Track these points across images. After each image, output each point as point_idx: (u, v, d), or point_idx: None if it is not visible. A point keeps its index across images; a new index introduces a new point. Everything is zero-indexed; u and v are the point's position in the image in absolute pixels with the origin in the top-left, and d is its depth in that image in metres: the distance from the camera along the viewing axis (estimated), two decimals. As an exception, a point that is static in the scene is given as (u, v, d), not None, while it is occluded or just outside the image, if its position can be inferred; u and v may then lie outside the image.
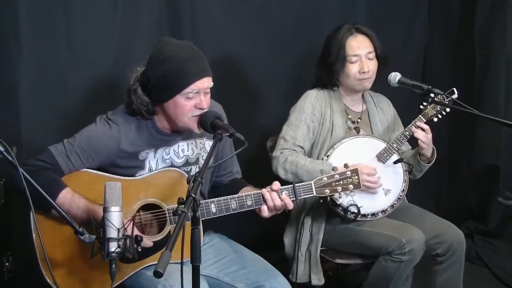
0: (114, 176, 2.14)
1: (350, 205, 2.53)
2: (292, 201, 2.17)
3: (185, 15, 3.12)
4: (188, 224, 1.71)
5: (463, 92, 2.58)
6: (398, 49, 3.71)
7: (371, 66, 2.65)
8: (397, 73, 2.59)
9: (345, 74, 2.66)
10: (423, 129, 2.57)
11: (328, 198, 2.49)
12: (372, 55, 2.66)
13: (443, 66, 3.91)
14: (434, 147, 2.67)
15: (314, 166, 2.55)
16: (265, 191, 2.15)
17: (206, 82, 2.12)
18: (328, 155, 2.62)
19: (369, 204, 2.58)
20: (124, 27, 2.94)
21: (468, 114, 2.40)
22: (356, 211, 2.54)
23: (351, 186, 2.22)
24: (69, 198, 2.04)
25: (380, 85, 2.81)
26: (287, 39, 3.41)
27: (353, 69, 2.64)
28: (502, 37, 3.58)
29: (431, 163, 2.70)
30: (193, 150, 2.29)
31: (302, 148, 2.65)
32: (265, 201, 2.14)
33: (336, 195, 2.45)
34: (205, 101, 2.12)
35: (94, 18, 2.85)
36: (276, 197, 2.13)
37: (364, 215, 2.58)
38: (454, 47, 3.88)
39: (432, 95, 2.42)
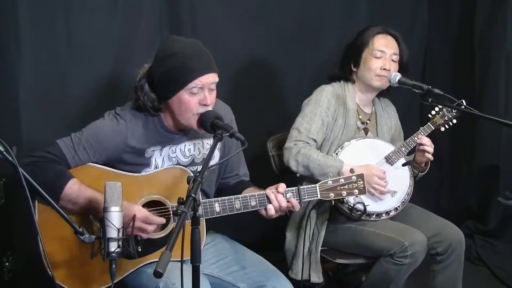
0: (119, 172, 2.15)
1: (356, 203, 2.54)
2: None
3: (185, 15, 3.12)
4: (189, 223, 1.71)
5: (463, 92, 2.58)
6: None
7: (393, 67, 2.66)
8: (397, 73, 2.60)
9: (367, 66, 2.67)
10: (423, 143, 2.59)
11: (333, 202, 2.51)
12: (396, 57, 2.67)
13: (443, 66, 3.91)
14: None
15: (326, 161, 2.55)
16: (269, 192, 2.15)
17: (211, 78, 2.12)
18: (337, 153, 2.62)
19: (376, 204, 2.59)
20: (124, 27, 2.94)
21: (468, 114, 2.40)
22: (362, 209, 2.54)
23: (356, 191, 2.22)
24: (76, 189, 2.05)
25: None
26: (288, 39, 3.41)
27: (376, 63, 2.65)
28: (502, 37, 3.58)
29: (424, 173, 2.73)
30: (200, 150, 2.29)
31: (315, 141, 2.65)
32: (270, 201, 2.14)
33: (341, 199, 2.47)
34: (209, 98, 2.12)
35: (94, 18, 2.86)
36: (281, 198, 2.14)
37: (369, 215, 2.58)
38: (454, 47, 3.88)
39: (440, 106, 2.43)
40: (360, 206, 2.53)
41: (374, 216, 2.60)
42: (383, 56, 2.65)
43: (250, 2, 3.31)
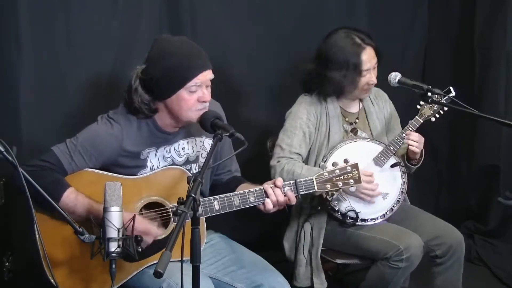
0: (116, 175, 2.15)
1: (348, 211, 2.54)
2: (295, 196, 2.19)
3: (185, 15, 3.12)
4: (188, 223, 1.72)
5: (463, 92, 2.58)
6: (398, 49, 3.71)
7: (375, 74, 2.64)
8: (397, 73, 2.59)
9: (354, 85, 2.62)
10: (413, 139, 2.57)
11: (328, 202, 2.50)
12: (376, 64, 2.64)
13: (443, 66, 3.91)
14: (422, 149, 2.66)
15: (310, 174, 2.52)
16: (267, 186, 2.16)
17: (208, 75, 2.14)
18: (325, 160, 2.61)
19: (368, 209, 2.58)
20: (124, 27, 2.94)
21: (468, 114, 2.40)
22: (354, 217, 2.54)
23: (351, 181, 2.23)
24: (73, 198, 2.05)
25: (380, 85, 2.81)
26: (287, 38, 3.41)
27: (363, 81, 2.61)
28: (502, 37, 3.57)
29: (419, 164, 2.71)
30: (193, 149, 2.30)
31: (299, 154, 2.64)
32: (268, 196, 2.15)
33: (334, 203, 2.48)
34: (208, 95, 2.14)
35: (94, 18, 2.85)
36: (279, 193, 2.15)
37: (363, 220, 2.58)
38: (454, 47, 3.88)
39: (429, 94, 2.41)
40: (352, 214, 2.53)
41: (369, 220, 2.59)
42: (369, 72, 2.61)
43: (250, 2, 3.31)
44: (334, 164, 2.23)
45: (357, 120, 2.75)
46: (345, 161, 2.25)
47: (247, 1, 3.30)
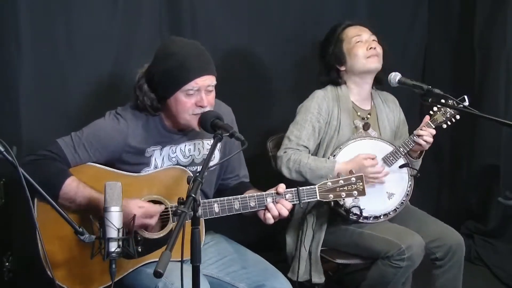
0: (119, 172, 2.15)
1: (352, 207, 2.54)
2: (294, 204, 2.18)
3: (185, 15, 3.12)
4: (188, 223, 1.72)
5: (463, 92, 2.58)
6: (398, 49, 3.71)
7: (377, 46, 2.69)
8: (397, 73, 2.58)
9: (353, 55, 2.68)
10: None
11: (332, 202, 2.50)
12: (375, 38, 2.70)
13: (443, 66, 3.91)
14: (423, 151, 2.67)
15: (317, 164, 2.55)
16: (269, 201, 2.14)
17: (208, 80, 2.12)
18: (334, 155, 2.62)
19: (372, 206, 2.58)
20: (124, 27, 2.94)
21: (468, 114, 2.40)
22: (358, 213, 2.54)
23: (355, 192, 2.22)
24: (74, 187, 2.06)
25: (381, 86, 2.81)
26: (288, 38, 3.41)
27: (360, 47, 2.67)
28: (502, 36, 3.57)
29: (421, 158, 2.71)
30: (200, 151, 2.30)
31: (306, 147, 2.65)
32: (268, 210, 2.14)
33: (340, 200, 2.46)
34: (207, 100, 2.12)
35: (94, 18, 2.85)
36: (281, 207, 2.13)
37: (366, 217, 2.58)
38: (454, 47, 3.88)
39: (442, 100, 2.40)
40: (356, 210, 2.53)
41: (372, 219, 2.60)
42: (362, 41, 2.68)
43: (250, 2, 3.31)
44: (339, 175, 2.23)
45: (369, 116, 2.77)
46: (351, 172, 2.24)
47: (247, 1, 3.31)
